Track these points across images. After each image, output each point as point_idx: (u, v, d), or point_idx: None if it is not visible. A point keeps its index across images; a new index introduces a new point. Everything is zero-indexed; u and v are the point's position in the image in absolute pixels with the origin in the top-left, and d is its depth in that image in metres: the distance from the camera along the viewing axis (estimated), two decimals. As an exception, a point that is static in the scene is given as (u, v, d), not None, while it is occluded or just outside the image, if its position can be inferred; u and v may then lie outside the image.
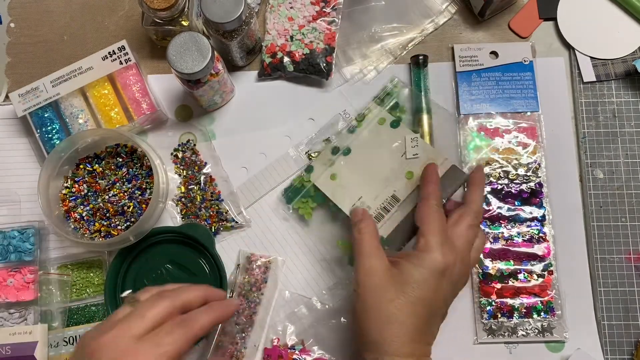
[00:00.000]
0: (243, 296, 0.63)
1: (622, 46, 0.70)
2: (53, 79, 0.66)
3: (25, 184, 0.68)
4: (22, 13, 0.73)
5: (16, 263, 0.64)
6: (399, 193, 0.64)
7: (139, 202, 0.65)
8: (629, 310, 0.65)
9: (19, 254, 0.63)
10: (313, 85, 0.71)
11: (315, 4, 0.69)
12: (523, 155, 0.67)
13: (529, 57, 0.70)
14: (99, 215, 0.64)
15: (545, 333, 0.63)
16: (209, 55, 0.58)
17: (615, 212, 0.67)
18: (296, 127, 0.69)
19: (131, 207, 0.64)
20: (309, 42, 0.68)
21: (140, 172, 0.65)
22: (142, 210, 0.64)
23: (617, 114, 0.69)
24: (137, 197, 0.65)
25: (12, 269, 0.63)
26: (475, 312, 0.65)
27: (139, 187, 0.65)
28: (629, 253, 0.66)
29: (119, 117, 0.67)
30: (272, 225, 0.67)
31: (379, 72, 0.70)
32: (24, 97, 0.66)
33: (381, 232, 0.63)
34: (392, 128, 0.67)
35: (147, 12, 0.63)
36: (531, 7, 0.72)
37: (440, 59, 0.71)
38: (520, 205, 0.66)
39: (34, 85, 0.66)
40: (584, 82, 0.70)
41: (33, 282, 0.63)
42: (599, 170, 0.68)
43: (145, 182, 0.65)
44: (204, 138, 0.69)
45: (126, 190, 0.65)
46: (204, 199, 0.67)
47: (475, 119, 0.68)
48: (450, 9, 0.72)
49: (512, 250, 0.65)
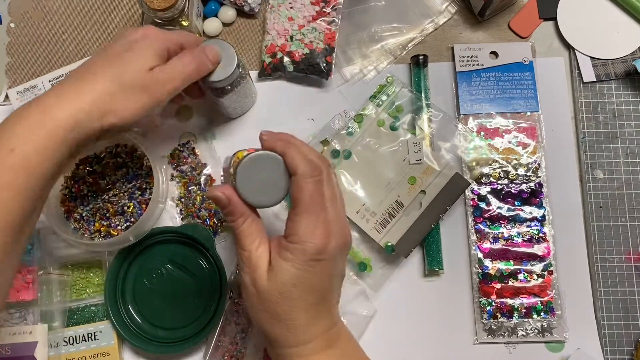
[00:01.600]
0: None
1: (622, 46, 0.70)
2: (52, 78, 0.66)
3: None
4: (22, 13, 0.73)
5: None
6: (403, 199, 0.65)
7: (139, 202, 0.65)
8: (629, 310, 0.65)
9: None
10: (313, 85, 0.71)
11: (315, 4, 0.69)
12: (523, 155, 0.67)
13: (529, 57, 0.70)
14: (99, 216, 0.64)
15: (545, 333, 0.63)
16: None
17: (615, 212, 0.67)
18: (296, 127, 0.69)
19: (131, 208, 0.64)
20: (309, 42, 0.68)
21: (140, 172, 0.65)
22: (142, 211, 0.64)
23: (617, 114, 0.69)
24: (137, 197, 0.65)
25: None
26: (475, 312, 0.65)
27: (139, 187, 0.65)
28: (629, 253, 0.66)
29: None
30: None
31: (379, 72, 0.70)
32: (22, 94, 0.66)
33: (389, 238, 0.64)
34: (392, 130, 0.67)
35: (147, 12, 0.63)
36: (531, 7, 0.72)
37: (440, 59, 0.71)
38: (520, 205, 0.66)
39: (33, 83, 0.66)
40: (584, 82, 0.70)
41: (32, 282, 0.63)
42: (599, 170, 0.68)
43: (145, 182, 0.65)
44: (204, 139, 0.69)
45: (126, 191, 0.65)
46: (204, 200, 0.67)
47: (475, 119, 0.68)
48: (450, 9, 0.72)
49: (512, 250, 0.65)
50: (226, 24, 0.72)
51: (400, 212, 0.64)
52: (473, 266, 0.65)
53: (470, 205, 0.66)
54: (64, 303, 0.64)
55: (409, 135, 0.67)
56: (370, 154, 0.66)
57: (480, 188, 0.66)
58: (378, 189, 0.65)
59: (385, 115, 0.67)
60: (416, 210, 0.64)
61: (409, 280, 0.66)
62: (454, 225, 0.67)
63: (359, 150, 0.67)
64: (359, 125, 0.67)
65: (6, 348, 0.60)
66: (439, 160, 0.66)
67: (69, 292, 0.65)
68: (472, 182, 0.66)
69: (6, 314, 0.63)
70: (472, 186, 0.66)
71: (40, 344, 0.61)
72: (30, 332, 0.61)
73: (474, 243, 0.65)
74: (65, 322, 0.64)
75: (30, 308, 0.63)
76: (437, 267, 0.64)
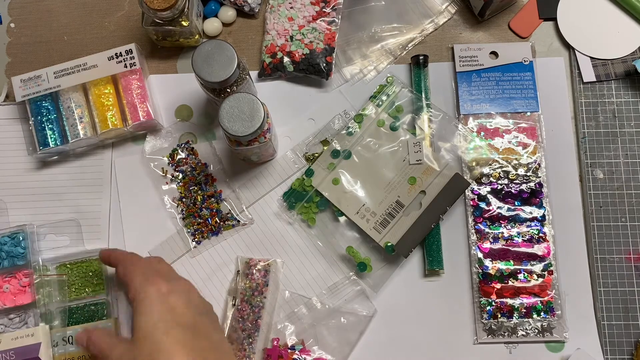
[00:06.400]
0: (246, 302, 0.63)
1: (622, 46, 0.70)
2: (56, 71, 0.66)
3: (10, 190, 0.68)
4: (22, 13, 0.73)
5: (10, 269, 0.63)
6: (403, 199, 0.65)
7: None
8: (629, 310, 0.65)
9: (12, 259, 0.63)
10: (313, 85, 0.71)
11: (315, 4, 0.69)
12: (523, 155, 0.67)
13: (528, 57, 0.70)
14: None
15: (545, 333, 0.63)
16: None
17: (615, 212, 0.67)
18: (296, 127, 0.69)
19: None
20: (309, 42, 0.68)
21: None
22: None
23: (617, 114, 0.69)
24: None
25: (6, 275, 0.63)
26: (475, 312, 0.65)
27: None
28: (629, 253, 0.66)
29: (115, 119, 0.67)
30: (273, 226, 0.67)
31: (379, 72, 0.70)
32: (26, 83, 0.66)
33: (389, 238, 0.64)
34: (392, 131, 0.67)
35: (147, 12, 0.63)
36: (531, 7, 0.72)
37: (440, 59, 0.71)
38: (520, 205, 0.66)
39: (37, 73, 0.66)
40: (584, 82, 0.70)
41: (29, 285, 0.63)
42: (599, 170, 0.68)
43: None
44: (204, 138, 0.69)
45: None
46: (204, 199, 0.67)
47: (475, 119, 0.68)
48: (450, 9, 0.72)
49: (512, 250, 0.65)
50: (226, 24, 0.72)
51: (400, 212, 0.64)
52: (473, 266, 0.65)
53: (470, 205, 0.66)
54: (63, 303, 0.64)
55: (408, 136, 0.67)
56: (370, 154, 0.66)
57: (480, 188, 0.66)
58: (378, 189, 0.65)
59: (385, 115, 0.67)
60: (416, 210, 0.64)
61: (409, 280, 0.66)
62: (454, 225, 0.67)
63: (359, 150, 0.67)
64: (359, 126, 0.67)
65: (10, 353, 0.60)
66: (439, 161, 0.66)
67: (68, 291, 0.65)
68: (472, 182, 0.66)
69: (6, 319, 0.63)
70: (472, 186, 0.66)
71: (44, 344, 0.61)
72: (32, 334, 0.61)
73: (474, 243, 0.65)
74: (65, 322, 0.64)
75: (30, 311, 0.63)
76: (438, 267, 0.64)
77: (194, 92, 0.70)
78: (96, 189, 0.68)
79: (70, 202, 0.68)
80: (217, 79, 0.58)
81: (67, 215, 0.68)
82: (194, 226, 0.67)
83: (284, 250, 0.67)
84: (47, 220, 0.67)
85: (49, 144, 0.66)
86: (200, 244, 0.67)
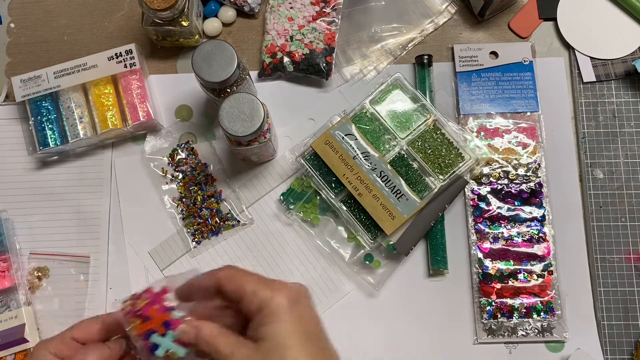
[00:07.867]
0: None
1: (622, 46, 0.70)
2: (56, 71, 0.66)
3: (10, 190, 0.69)
4: (22, 13, 0.73)
5: None
6: None
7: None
8: (629, 310, 0.65)
9: None
10: (313, 85, 0.71)
11: (315, 4, 0.69)
12: (523, 155, 0.67)
13: (528, 57, 0.70)
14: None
15: (545, 333, 0.63)
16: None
17: (615, 212, 0.67)
18: (296, 127, 0.69)
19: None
20: (308, 42, 0.68)
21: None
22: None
23: (617, 114, 0.69)
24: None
25: None
26: (475, 312, 0.65)
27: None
28: (629, 253, 0.66)
29: (115, 119, 0.67)
30: (273, 226, 0.67)
31: (379, 72, 0.70)
32: (26, 83, 0.66)
33: (390, 236, 0.64)
34: None
35: (147, 12, 0.63)
36: (531, 7, 0.72)
37: (440, 59, 0.71)
38: (520, 205, 0.66)
39: (37, 74, 0.66)
40: (584, 82, 0.70)
41: (7, 269, 0.64)
42: (599, 170, 0.68)
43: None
44: (204, 138, 0.69)
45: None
46: (204, 199, 0.67)
47: (475, 119, 0.68)
48: (450, 9, 0.72)
49: (512, 250, 0.65)
50: (226, 24, 0.72)
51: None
52: (473, 266, 0.65)
53: (471, 205, 0.66)
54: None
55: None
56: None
57: (480, 188, 0.66)
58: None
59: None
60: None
61: (409, 280, 0.66)
62: (454, 225, 0.67)
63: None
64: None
65: None
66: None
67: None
68: (469, 181, 0.66)
69: None
70: (472, 186, 0.66)
71: (28, 324, 0.62)
72: (16, 316, 0.63)
73: (474, 243, 0.65)
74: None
75: (11, 294, 0.64)
76: (443, 267, 0.65)
77: (194, 92, 0.70)
78: (96, 189, 0.68)
79: (70, 202, 0.68)
80: (217, 79, 0.58)
81: (68, 215, 0.68)
82: (194, 226, 0.67)
83: (284, 250, 0.67)
84: (49, 222, 0.68)
85: (49, 144, 0.66)
86: (200, 244, 0.67)
